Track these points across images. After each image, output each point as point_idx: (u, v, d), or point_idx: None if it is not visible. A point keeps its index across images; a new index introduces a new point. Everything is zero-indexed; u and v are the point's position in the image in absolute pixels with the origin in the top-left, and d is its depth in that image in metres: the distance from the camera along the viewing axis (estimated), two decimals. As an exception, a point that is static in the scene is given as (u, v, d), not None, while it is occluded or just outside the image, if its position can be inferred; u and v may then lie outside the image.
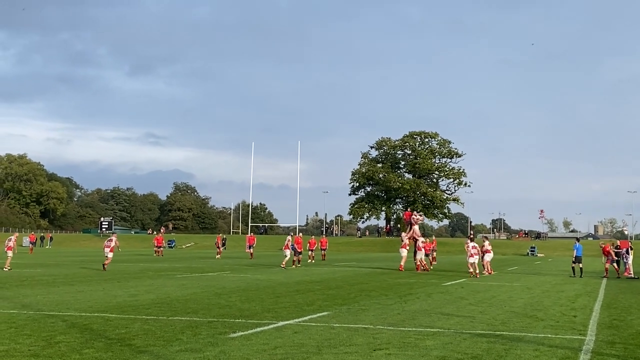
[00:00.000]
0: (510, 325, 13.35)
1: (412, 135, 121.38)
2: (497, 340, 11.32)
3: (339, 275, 29.33)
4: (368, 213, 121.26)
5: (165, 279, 25.38)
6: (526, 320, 14.25)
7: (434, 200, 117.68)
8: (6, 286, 21.10)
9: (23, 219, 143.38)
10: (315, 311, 15.08)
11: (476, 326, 13.02)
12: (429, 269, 34.81)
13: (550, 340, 11.51)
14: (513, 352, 10.11)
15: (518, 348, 10.52)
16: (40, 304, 15.73)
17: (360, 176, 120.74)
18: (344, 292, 20.39)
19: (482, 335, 11.83)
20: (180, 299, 17.59)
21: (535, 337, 11.83)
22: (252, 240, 53.54)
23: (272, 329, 12.08)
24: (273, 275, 29.21)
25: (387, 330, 12.14)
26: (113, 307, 15.25)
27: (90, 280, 24.54)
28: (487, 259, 33.10)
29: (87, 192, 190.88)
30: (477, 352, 10.08)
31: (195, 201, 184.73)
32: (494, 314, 15.14)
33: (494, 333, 12.13)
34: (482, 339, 11.39)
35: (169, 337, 11.00)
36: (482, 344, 10.87)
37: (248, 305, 16.22)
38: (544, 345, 10.85)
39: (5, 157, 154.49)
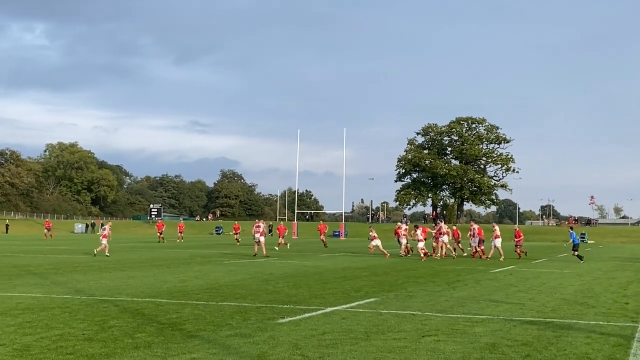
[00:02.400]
0: (561, 312, 13.18)
1: (459, 121, 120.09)
2: (547, 327, 11.19)
3: (385, 262, 29.29)
4: (414, 200, 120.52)
5: (214, 265, 25.68)
6: (577, 307, 14.05)
7: (481, 187, 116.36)
8: (60, 272, 21.59)
9: (75, 206, 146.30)
10: (362, 297, 15.10)
11: (526, 313, 12.89)
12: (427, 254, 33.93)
13: (602, 327, 11.34)
14: (564, 340, 9.99)
15: (569, 335, 10.39)
16: (93, 289, 16.07)
17: (406, 163, 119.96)
18: (391, 279, 20.37)
19: (532, 322, 11.71)
20: (229, 284, 17.78)
21: (587, 324, 11.66)
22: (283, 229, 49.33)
23: (320, 315, 12.14)
24: (320, 261, 29.32)
25: (436, 317, 12.09)
26: (163, 293, 15.49)
27: (140, 266, 24.96)
28: (497, 244, 33.25)
29: (137, 180, 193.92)
30: (527, 339, 9.98)
31: (242, 188, 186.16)
32: (544, 301, 14.96)
33: (544, 320, 11.99)
34: (532, 326, 11.27)
35: (219, 322, 11.14)
36: (533, 331, 10.76)
37: (296, 291, 16.32)
38: (596, 333, 10.69)
39: (57, 146, 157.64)
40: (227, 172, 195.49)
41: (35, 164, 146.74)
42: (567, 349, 9.25)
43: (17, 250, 37.67)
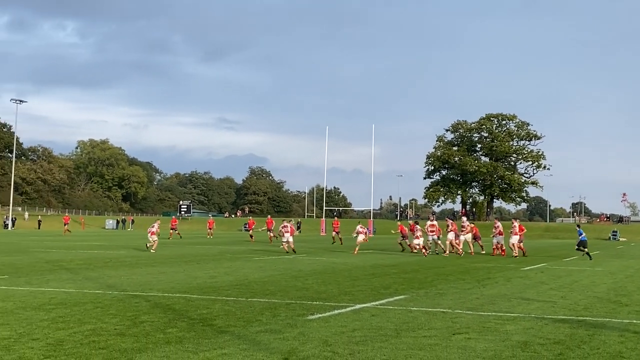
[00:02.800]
0: (594, 310, 13.02)
1: (489, 117, 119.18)
2: (580, 325, 11.06)
3: (414, 259, 29.19)
4: (443, 197, 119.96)
5: (243, 261, 25.79)
6: (610, 305, 13.87)
7: (511, 184, 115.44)
8: (91, 267, 21.83)
9: (106, 202, 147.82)
10: (392, 294, 15.06)
11: (558, 311, 12.76)
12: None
13: (635, 326, 11.18)
14: (597, 338, 9.87)
15: (602, 334, 10.26)
16: (124, 285, 16.22)
17: (435, 159, 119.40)
18: (420, 276, 20.29)
19: (564, 320, 11.59)
20: (258, 281, 17.85)
21: (620, 322, 11.51)
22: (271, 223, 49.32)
23: (350, 312, 12.13)
24: (349, 258, 29.30)
25: (466, 315, 12.02)
26: (194, 288, 15.58)
27: (171, 261, 25.14)
28: (513, 240, 32.77)
29: (166, 176, 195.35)
30: (559, 337, 9.88)
31: (271, 185, 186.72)
32: (576, 299, 14.80)
33: (577, 318, 11.86)
34: (565, 324, 11.15)
35: (249, 318, 11.18)
36: (565, 329, 10.65)
37: (325, 287, 16.33)
38: (629, 332, 10.55)
39: (88, 142, 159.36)
40: (255, 169, 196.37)
41: (67, 161, 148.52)
42: (600, 348, 9.14)
43: (50, 245, 38.17)
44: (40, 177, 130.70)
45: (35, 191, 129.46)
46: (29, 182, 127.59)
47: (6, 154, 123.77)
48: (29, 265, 22.44)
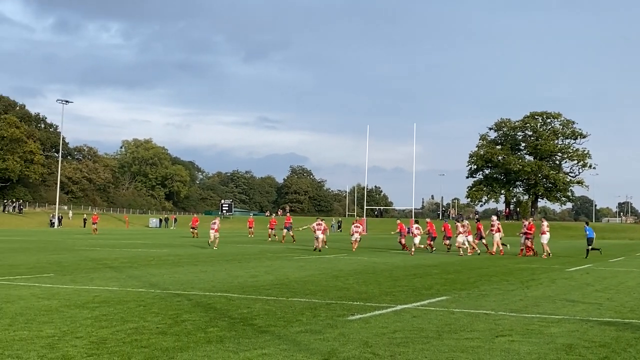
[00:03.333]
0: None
1: (533, 115, 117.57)
2: (626, 328, 10.82)
3: (457, 260, 28.94)
4: (486, 196, 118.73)
5: (284, 261, 25.83)
6: (658, 309, 13.55)
7: (556, 183, 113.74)
8: (135, 265, 22.08)
9: (149, 201, 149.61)
10: (433, 295, 14.92)
11: (603, 313, 12.51)
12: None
13: (685, 330, 10.89)
14: (645, 343, 9.63)
15: (650, 338, 10.01)
16: (166, 283, 16.36)
17: (478, 158, 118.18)
18: (463, 277, 20.09)
19: (610, 323, 11.34)
20: (298, 280, 17.85)
21: (669, 327, 11.23)
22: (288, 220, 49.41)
23: (391, 313, 12.04)
24: (389, 258, 29.16)
25: (509, 317, 11.84)
26: (235, 287, 15.64)
27: (212, 260, 25.31)
28: (543, 240, 32.50)
29: (208, 175, 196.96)
30: (605, 340, 9.67)
31: (311, 184, 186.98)
32: (622, 301, 14.49)
33: (623, 321, 11.60)
34: (610, 327, 10.92)
35: (289, 317, 11.17)
36: (611, 332, 10.42)
37: (366, 288, 16.26)
38: (679, 336, 10.28)
39: (132, 142, 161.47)
40: (296, 168, 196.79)
41: (111, 160, 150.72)
42: (648, 352, 8.92)
43: (95, 244, 38.74)
44: (85, 176, 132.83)
45: (81, 190, 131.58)
46: (74, 181, 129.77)
47: (53, 153, 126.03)
48: (74, 263, 22.79)
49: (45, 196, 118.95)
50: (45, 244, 37.57)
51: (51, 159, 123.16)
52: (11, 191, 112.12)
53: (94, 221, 65.23)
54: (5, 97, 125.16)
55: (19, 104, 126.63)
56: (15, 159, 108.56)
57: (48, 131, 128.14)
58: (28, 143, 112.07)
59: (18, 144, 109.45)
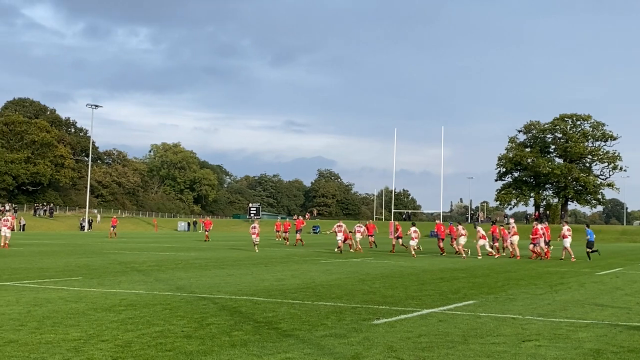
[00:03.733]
0: (672, 319, 12.51)
1: (563, 118, 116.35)
2: (657, 334, 10.64)
3: (485, 263, 28.72)
4: (515, 199, 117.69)
5: (310, 264, 25.83)
6: (690, 314, 13.30)
7: (586, 186, 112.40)
8: (162, 269, 22.21)
9: (178, 204, 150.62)
10: (460, 299, 14.80)
11: (633, 318, 12.31)
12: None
13: None
14: (675, 348, 9.45)
15: (681, 344, 9.83)
16: (193, 287, 16.42)
17: (507, 161, 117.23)
18: (490, 281, 19.91)
19: (639, 327, 11.16)
20: (324, 284, 17.82)
21: (701, 332, 11.01)
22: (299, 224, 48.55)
23: (417, 317, 11.96)
24: (416, 262, 29.03)
25: (537, 321, 11.70)
26: (261, 291, 15.66)
27: (239, 264, 25.38)
28: (565, 244, 32.55)
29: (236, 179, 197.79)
30: (634, 345, 9.50)
31: (339, 187, 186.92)
32: (653, 307, 14.26)
33: (654, 327, 11.41)
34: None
35: (314, 321, 11.14)
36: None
37: (392, 292, 16.18)
38: None
39: (161, 146, 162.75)
40: (324, 172, 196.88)
41: (140, 164, 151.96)
42: (678, 359, 8.75)
43: (123, 247, 39.06)
44: (115, 180, 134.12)
45: (111, 194, 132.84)
46: (104, 185, 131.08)
47: (83, 157, 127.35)
48: (102, 266, 22.99)
49: (75, 200, 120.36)
50: (75, 247, 37.97)
51: (81, 163, 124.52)
52: (42, 195, 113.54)
53: (113, 224, 63.62)
54: (36, 102, 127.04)
55: (49, 109, 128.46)
56: (46, 163, 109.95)
57: (78, 135, 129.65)
58: (59, 147, 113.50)
59: (49, 149, 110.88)
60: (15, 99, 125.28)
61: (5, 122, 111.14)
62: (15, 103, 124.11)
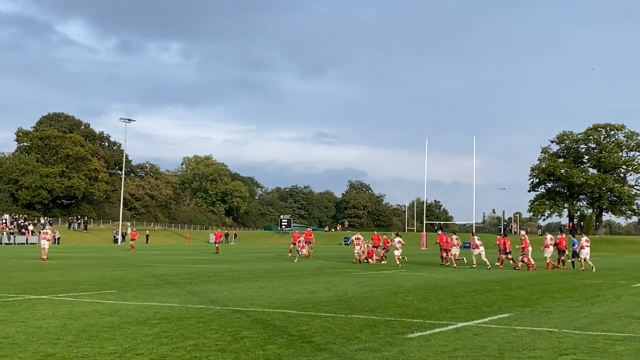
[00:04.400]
0: None
1: (596, 127, 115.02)
2: (698, 349, 10.41)
3: (519, 275, 28.42)
4: (549, 210, 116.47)
5: (343, 277, 25.76)
6: None
7: (621, 197, 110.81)
8: (195, 281, 22.31)
9: (209, 216, 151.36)
10: (495, 312, 14.65)
11: (673, 333, 12.07)
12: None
13: None
14: None
15: None
16: (226, 300, 16.47)
17: (540, 172, 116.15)
18: (525, 293, 19.69)
19: (680, 342, 10.94)
20: (357, 296, 17.75)
21: None
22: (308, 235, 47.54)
23: (451, 330, 11.86)
24: (450, 274, 28.80)
25: (574, 334, 11.54)
26: (293, 304, 15.64)
27: (271, 276, 25.40)
28: (582, 255, 32.90)
29: (267, 191, 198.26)
30: (675, 361, 9.32)
31: (370, 199, 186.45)
32: (693, 320, 13.97)
33: (695, 341, 11.18)
34: (681, 347, 10.53)
35: (348, 335, 11.10)
36: (681, 352, 10.04)
37: (425, 304, 16.07)
38: None
39: (193, 159, 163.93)
40: (355, 183, 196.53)
41: (173, 177, 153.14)
42: None
43: (157, 260, 39.34)
44: (148, 193, 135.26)
45: (143, 206, 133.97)
46: (137, 198, 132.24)
47: (116, 171, 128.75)
48: (136, 279, 23.16)
49: (109, 213, 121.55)
50: (109, 260, 38.33)
51: (115, 177, 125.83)
52: (76, 208, 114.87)
53: (132, 237, 62.66)
54: (70, 117, 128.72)
55: (84, 123, 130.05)
56: (81, 176, 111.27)
57: (112, 149, 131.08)
58: (93, 161, 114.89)
59: (83, 162, 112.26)
60: (50, 114, 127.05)
61: (40, 137, 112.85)
62: (50, 118, 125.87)
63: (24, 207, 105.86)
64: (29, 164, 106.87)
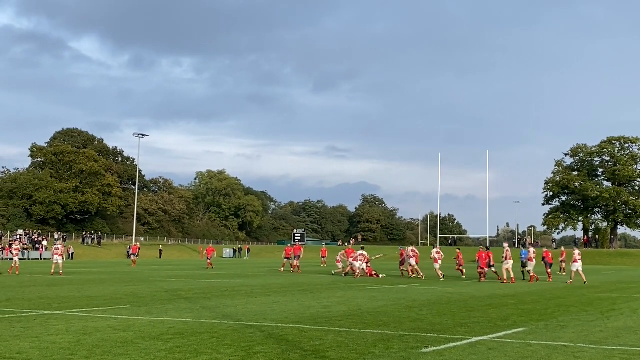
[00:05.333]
0: None
1: (611, 140, 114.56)
2: None
3: (534, 289, 28.23)
4: (564, 223, 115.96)
5: (356, 291, 25.67)
6: None
7: (636, 210, 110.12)
8: (209, 296, 22.30)
9: (223, 231, 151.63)
10: (510, 327, 14.55)
11: (691, 347, 11.93)
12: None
13: None
14: None
15: None
16: (239, 314, 16.44)
17: (554, 185, 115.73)
18: (540, 307, 19.55)
19: (698, 357, 10.81)
20: (371, 311, 17.68)
21: None
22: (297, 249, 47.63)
23: (466, 345, 11.78)
24: (463, 288, 28.66)
25: (589, 349, 11.44)
26: (307, 319, 15.60)
27: (285, 290, 25.35)
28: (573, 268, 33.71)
29: (281, 205, 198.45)
30: (693, 376, 9.21)
31: (384, 213, 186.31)
32: None
33: None
34: (699, 361, 10.41)
35: (362, 350, 11.05)
36: (699, 367, 9.93)
37: (439, 319, 15.98)
38: None
39: (206, 173, 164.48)
40: (368, 197, 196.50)
41: (186, 192, 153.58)
42: None
43: (170, 274, 39.37)
44: (161, 208, 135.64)
45: (157, 221, 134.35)
46: (150, 213, 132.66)
47: (130, 186, 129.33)
48: (149, 294, 23.17)
49: (122, 228, 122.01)
50: (122, 275, 38.40)
51: (128, 192, 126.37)
52: (90, 223, 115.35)
53: (133, 251, 60.80)
54: (84, 132, 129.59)
55: (97, 139, 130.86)
56: (94, 192, 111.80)
57: (125, 164, 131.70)
58: (106, 176, 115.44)
59: (97, 178, 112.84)
60: (64, 130, 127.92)
61: (54, 152, 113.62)
62: (64, 133, 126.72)
63: (37, 223, 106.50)
64: (43, 180, 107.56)
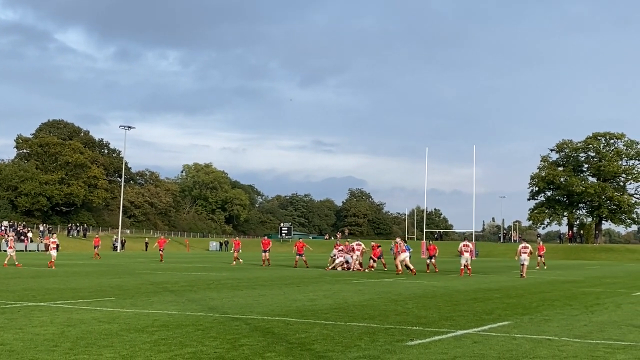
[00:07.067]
0: None
1: (596, 136, 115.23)
2: (698, 357, 10.38)
3: (519, 284, 28.37)
4: (549, 218, 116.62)
5: (343, 284, 25.70)
6: None
7: (620, 205, 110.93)
8: (194, 289, 22.26)
9: (209, 224, 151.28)
10: (495, 320, 14.62)
11: (674, 341, 12.03)
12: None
13: None
14: None
15: None
16: (225, 307, 16.42)
17: (539, 180, 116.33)
18: (525, 301, 19.65)
19: (681, 351, 10.90)
20: (357, 304, 17.71)
21: None
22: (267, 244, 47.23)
23: (451, 338, 11.82)
24: (449, 282, 28.76)
25: (573, 343, 11.50)
26: (293, 311, 15.60)
27: (271, 284, 25.35)
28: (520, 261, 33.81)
29: (268, 199, 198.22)
30: (676, 369, 9.29)
31: (370, 207, 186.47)
32: (693, 328, 13.93)
33: (695, 349, 11.13)
34: (682, 355, 10.49)
35: (348, 342, 11.06)
36: (682, 361, 10.01)
37: (425, 312, 16.03)
38: None
39: (192, 166, 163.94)
40: (355, 191, 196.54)
41: (172, 184, 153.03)
42: None
43: (156, 267, 39.26)
44: (147, 201, 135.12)
45: (143, 214, 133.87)
46: (137, 206, 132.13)
47: (116, 178, 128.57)
48: (135, 287, 23.10)
49: (108, 220, 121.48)
50: (108, 267, 38.26)
51: (114, 184, 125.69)
52: (75, 215, 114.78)
53: (95, 244, 58.88)
54: (70, 124, 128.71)
55: (83, 130, 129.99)
56: (80, 184, 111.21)
57: (111, 156, 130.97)
58: (92, 168, 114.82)
59: (82, 169, 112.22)
60: (50, 121, 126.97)
61: (40, 144, 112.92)
62: (50, 125, 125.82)
63: (23, 214, 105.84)
64: (29, 171, 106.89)
